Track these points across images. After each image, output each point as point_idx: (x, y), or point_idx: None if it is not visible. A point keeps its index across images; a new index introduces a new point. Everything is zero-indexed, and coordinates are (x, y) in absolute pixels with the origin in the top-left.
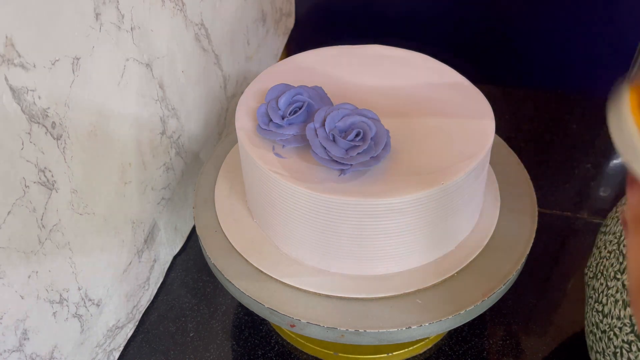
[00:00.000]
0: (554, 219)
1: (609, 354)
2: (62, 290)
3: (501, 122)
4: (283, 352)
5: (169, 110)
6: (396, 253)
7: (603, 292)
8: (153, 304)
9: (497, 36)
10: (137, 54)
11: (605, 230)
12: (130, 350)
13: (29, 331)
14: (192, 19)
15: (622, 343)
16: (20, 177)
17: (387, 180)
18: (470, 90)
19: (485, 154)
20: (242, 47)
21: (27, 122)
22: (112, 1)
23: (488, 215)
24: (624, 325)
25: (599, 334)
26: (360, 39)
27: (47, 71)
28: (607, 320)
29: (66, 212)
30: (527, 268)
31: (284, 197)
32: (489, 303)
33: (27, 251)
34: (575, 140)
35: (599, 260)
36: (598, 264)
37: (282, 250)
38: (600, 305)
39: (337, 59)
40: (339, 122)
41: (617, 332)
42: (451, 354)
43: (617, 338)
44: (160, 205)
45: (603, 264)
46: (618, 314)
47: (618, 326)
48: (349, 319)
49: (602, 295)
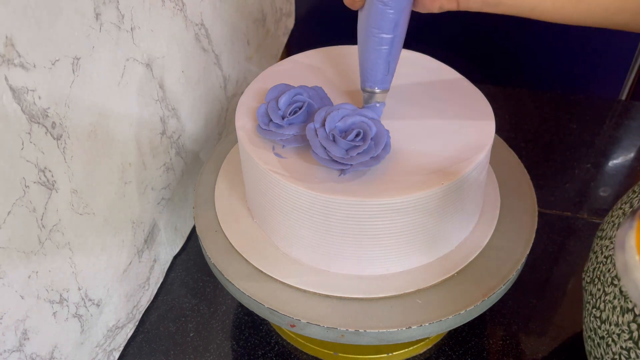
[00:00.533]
0: (554, 219)
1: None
2: (62, 290)
3: (501, 122)
4: (283, 352)
5: (169, 110)
6: (396, 253)
7: (600, 297)
8: (153, 304)
9: (497, 36)
10: (137, 54)
11: (602, 234)
12: (130, 350)
13: (29, 331)
14: (192, 19)
15: (621, 349)
16: (20, 177)
17: (387, 180)
18: (470, 90)
19: (485, 154)
20: (242, 47)
21: (27, 122)
22: (112, 1)
23: (488, 215)
24: (622, 332)
25: (597, 340)
26: None
27: (47, 71)
28: (605, 326)
29: (66, 212)
30: (527, 268)
31: (284, 197)
32: (489, 303)
33: (27, 251)
34: (575, 140)
35: (596, 265)
36: (595, 269)
37: (282, 250)
38: (598, 311)
39: (337, 59)
40: (339, 122)
41: (616, 338)
42: (451, 354)
43: (616, 344)
44: (160, 205)
45: (600, 269)
46: (616, 320)
47: (616, 332)
48: (349, 319)
49: (600, 301)
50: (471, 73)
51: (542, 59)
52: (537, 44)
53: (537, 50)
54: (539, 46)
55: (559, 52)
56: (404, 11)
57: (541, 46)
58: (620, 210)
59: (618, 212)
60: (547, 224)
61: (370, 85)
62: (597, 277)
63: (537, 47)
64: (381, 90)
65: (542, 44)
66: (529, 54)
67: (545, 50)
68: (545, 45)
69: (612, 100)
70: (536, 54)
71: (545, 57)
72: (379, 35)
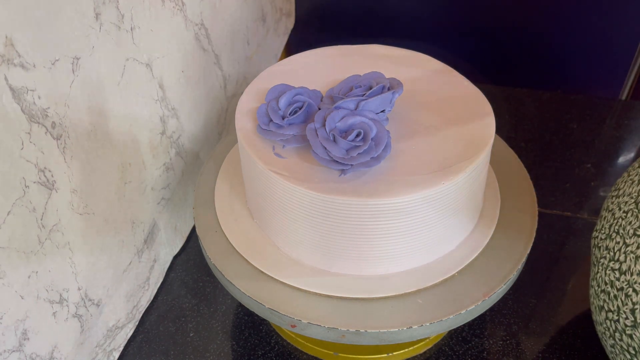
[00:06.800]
0: (554, 219)
1: (626, 312)
2: (62, 290)
3: (501, 122)
4: (283, 352)
5: (169, 110)
6: (396, 253)
7: (620, 250)
8: (153, 304)
9: (497, 36)
10: (137, 54)
11: (617, 193)
12: (130, 350)
13: (28, 331)
14: (192, 19)
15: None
16: (20, 177)
17: (387, 180)
18: (470, 90)
19: (485, 154)
20: (242, 47)
21: (27, 122)
22: (112, 1)
23: (488, 215)
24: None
25: (614, 292)
26: (360, 39)
27: (47, 71)
28: (625, 277)
29: (66, 212)
30: (527, 268)
31: (284, 197)
32: (489, 303)
33: (27, 251)
34: (575, 140)
35: (613, 221)
36: (612, 225)
37: (282, 250)
38: (617, 263)
39: (337, 59)
40: (339, 122)
41: (637, 287)
42: (451, 354)
43: (637, 294)
44: (160, 205)
45: (619, 224)
46: (639, 269)
47: (638, 282)
48: (350, 319)
49: (620, 253)
50: (471, 73)
51: (542, 59)
52: (537, 44)
53: (537, 50)
54: (539, 46)
55: (559, 52)
56: None
57: (541, 46)
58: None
59: (637, 170)
60: (547, 224)
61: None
62: (616, 231)
63: (537, 47)
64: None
65: (542, 43)
66: (529, 54)
67: (545, 50)
68: (545, 45)
69: (612, 100)
70: (536, 54)
71: (545, 57)
72: None
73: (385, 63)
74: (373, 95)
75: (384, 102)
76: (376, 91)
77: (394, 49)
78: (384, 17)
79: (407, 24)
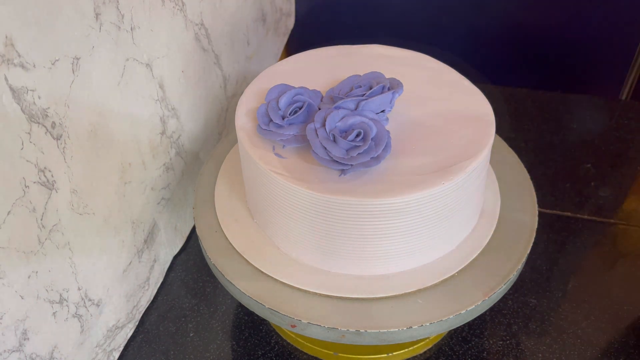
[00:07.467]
0: (554, 219)
1: None
2: (62, 290)
3: (501, 122)
4: (283, 352)
5: (169, 110)
6: (397, 253)
7: None
8: (153, 304)
9: (497, 36)
10: (137, 54)
11: None
12: (130, 350)
13: (28, 331)
14: (192, 19)
15: None
16: (20, 177)
17: (387, 180)
18: (470, 90)
19: (485, 154)
20: (242, 47)
21: (27, 122)
22: (112, 1)
23: (488, 215)
24: None
25: None
26: (360, 39)
27: (47, 71)
28: None
29: (66, 212)
30: (527, 268)
31: (284, 197)
32: (489, 303)
33: (27, 251)
34: (575, 140)
35: None
36: None
37: (282, 250)
38: None
39: (337, 59)
40: (339, 122)
41: None
42: (451, 354)
43: None
44: (160, 205)
45: None
46: None
47: None
48: (350, 319)
49: None
50: (471, 73)
51: (541, 58)
52: (537, 44)
53: (537, 50)
54: (539, 46)
55: (559, 52)
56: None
57: (541, 46)
58: None
59: None
60: (547, 224)
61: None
62: None
63: (537, 47)
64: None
65: (542, 43)
66: (529, 54)
67: (545, 50)
68: (545, 45)
69: (612, 100)
70: (536, 54)
71: (545, 57)
72: None
73: (385, 63)
74: (373, 95)
75: (384, 102)
76: (376, 91)
77: (394, 49)
78: (384, 17)
79: (407, 24)
